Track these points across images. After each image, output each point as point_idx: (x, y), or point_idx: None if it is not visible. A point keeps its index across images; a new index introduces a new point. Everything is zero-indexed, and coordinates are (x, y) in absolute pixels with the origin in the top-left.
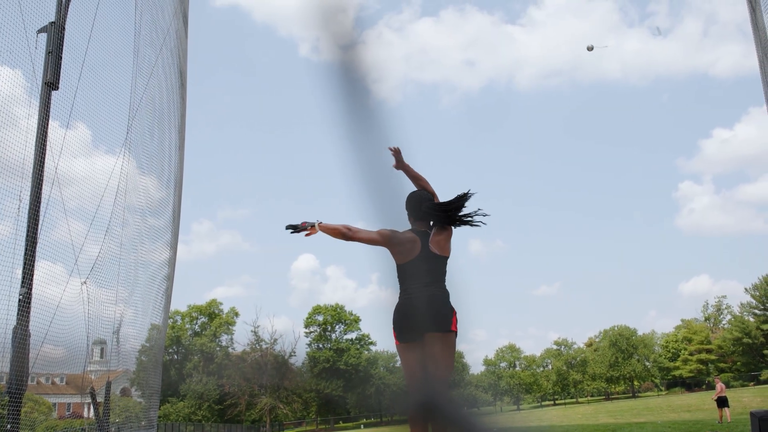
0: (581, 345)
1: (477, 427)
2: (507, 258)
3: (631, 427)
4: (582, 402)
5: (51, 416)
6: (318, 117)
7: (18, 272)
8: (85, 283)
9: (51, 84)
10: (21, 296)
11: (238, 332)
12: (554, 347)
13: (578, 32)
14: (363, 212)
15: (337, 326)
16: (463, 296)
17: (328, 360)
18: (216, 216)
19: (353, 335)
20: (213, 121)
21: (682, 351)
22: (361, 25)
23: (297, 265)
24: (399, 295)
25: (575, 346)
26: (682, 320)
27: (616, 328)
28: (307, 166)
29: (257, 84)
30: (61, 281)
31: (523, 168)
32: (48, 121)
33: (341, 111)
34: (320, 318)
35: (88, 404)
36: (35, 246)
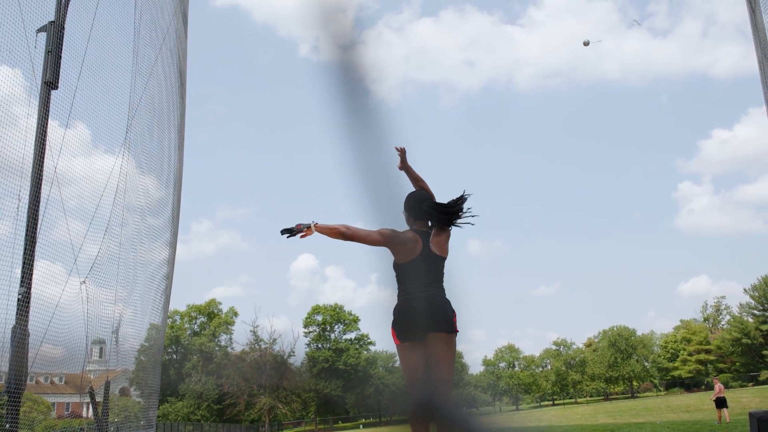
0: (580, 345)
1: (476, 428)
2: (506, 258)
3: (630, 428)
4: (581, 402)
5: (50, 416)
6: (317, 117)
7: (17, 271)
8: (84, 283)
9: (50, 83)
10: (20, 295)
11: (237, 332)
12: (553, 347)
13: (578, 33)
14: (362, 212)
15: (336, 326)
16: (462, 296)
17: (327, 360)
18: (215, 216)
19: (352, 335)
20: (212, 121)
21: (681, 351)
22: (361, 25)
23: (296, 265)
24: (398, 295)
25: (574, 347)
26: (681, 321)
27: (615, 329)
28: (307, 166)
29: (257, 84)
30: (60, 281)
31: (523, 168)
32: (47, 121)
33: (341, 111)
34: (319, 318)
35: (87, 404)
36: (34, 245)
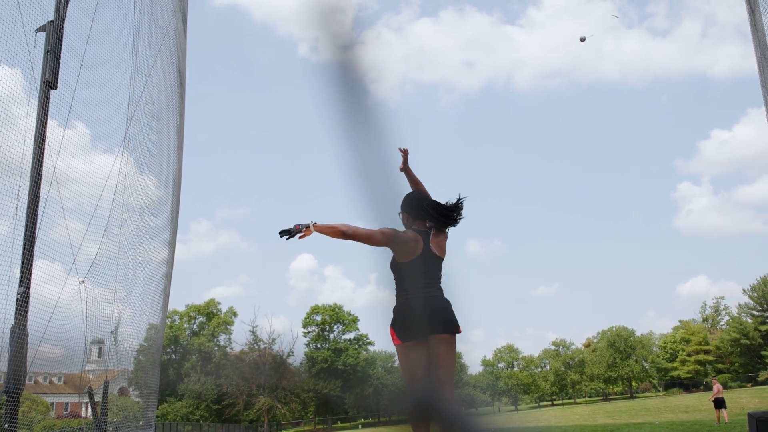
0: (579, 345)
1: (475, 428)
2: (505, 258)
3: (629, 428)
4: (580, 402)
5: (49, 415)
6: (317, 117)
7: (16, 271)
8: (83, 283)
9: (50, 83)
10: (19, 295)
11: (236, 332)
12: (552, 348)
13: (577, 33)
14: (360, 212)
15: (336, 326)
16: (461, 296)
17: (326, 360)
18: (214, 215)
19: (351, 335)
20: (212, 121)
21: (680, 352)
22: (360, 26)
23: (295, 265)
24: (398, 295)
25: (573, 347)
26: (680, 321)
27: (614, 329)
28: (306, 166)
29: (256, 83)
30: (59, 280)
31: (522, 168)
32: (46, 120)
33: (340, 111)
34: (318, 318)
35: (86, 404)
36: (33, 245)
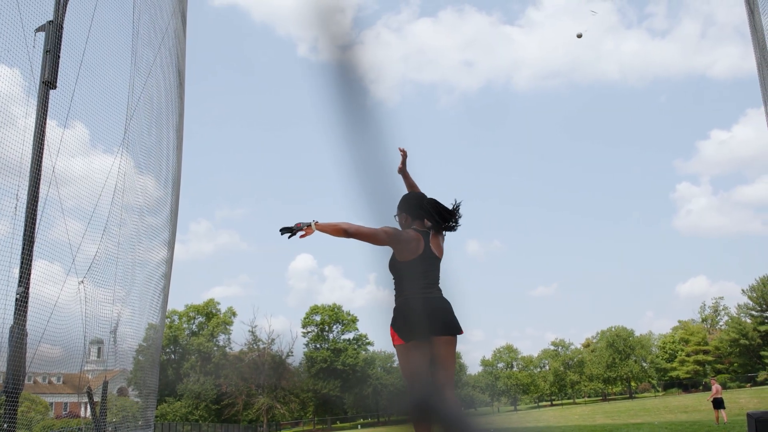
0: (578, 346)
1: (474, 428)
2: (504, 258)
3: (628, 428)
4: (579, 403)
5: (48, 415)
6: (316, 117)
7: (15, 271)
8: (83, 283)
9: (49, 83)
10: (18, 295)
11: (236, 332)
12: (551, 348)
13: (576, 33)
14: (359, 212)
15: (335, 326)
16: (460, 297)
17: (326, 360)
18: (214, 215)
19: (351, 335)
20: (211, 121)
21: (679, 352)
22: (360, 26)
23: (295, 265)
24: (398, 295)
25: (572, 347)
26: (680, 321)
27: (614, 329)
28: (306, 166)
29: (255, 83)
30: (59, 280)
31: (522, 168)
32: (46, 120)
33: (339, 111)
34: (318, 318)
35: (85, 404)
36: (32, 245)
